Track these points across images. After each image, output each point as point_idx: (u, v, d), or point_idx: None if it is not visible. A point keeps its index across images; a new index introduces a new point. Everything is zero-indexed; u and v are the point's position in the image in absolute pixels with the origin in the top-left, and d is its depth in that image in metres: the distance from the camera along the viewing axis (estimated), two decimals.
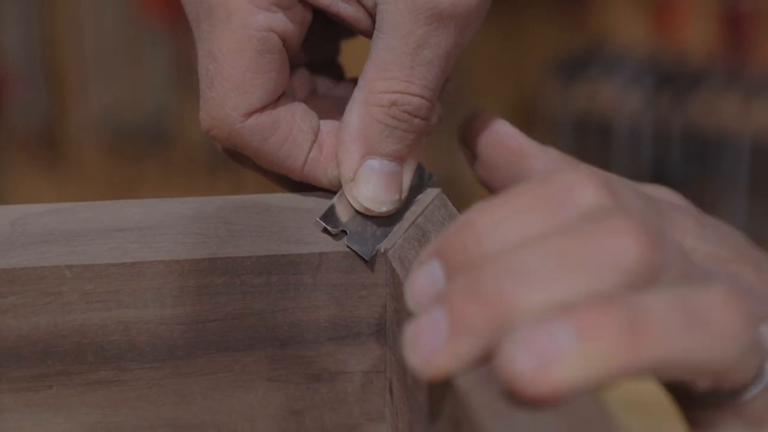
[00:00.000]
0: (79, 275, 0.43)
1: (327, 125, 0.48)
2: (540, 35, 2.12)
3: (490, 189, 0.48)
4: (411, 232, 0.46)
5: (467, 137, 0.49)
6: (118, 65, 2.15)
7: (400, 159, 0.46)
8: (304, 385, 0.46)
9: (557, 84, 1.98)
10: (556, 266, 0.33)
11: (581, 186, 0.35)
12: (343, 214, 0.46)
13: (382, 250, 0.46)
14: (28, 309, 0.43)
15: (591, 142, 1.93)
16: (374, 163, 0.46)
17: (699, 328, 0.33)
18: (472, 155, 0.49)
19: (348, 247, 0.45)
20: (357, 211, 0.46)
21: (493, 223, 0.35)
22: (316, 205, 0.47)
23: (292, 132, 0.46)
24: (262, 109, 0.46)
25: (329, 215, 0.46)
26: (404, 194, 0.47)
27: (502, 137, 0.48)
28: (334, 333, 0.46)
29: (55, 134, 2.19)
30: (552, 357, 0.31)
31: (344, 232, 0.46)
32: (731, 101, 1.89)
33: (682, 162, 1.88)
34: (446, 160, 1.88)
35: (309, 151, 0.47)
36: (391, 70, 0.45)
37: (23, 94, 2.16)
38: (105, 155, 2.19)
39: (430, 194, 0.48)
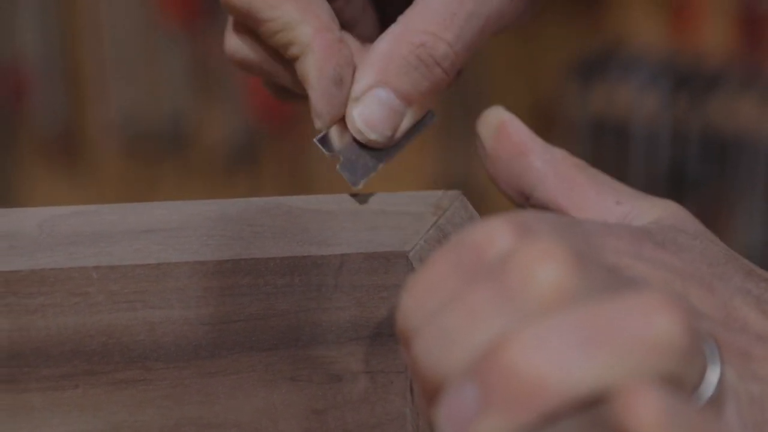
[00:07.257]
0: (106, 276, 0.44)
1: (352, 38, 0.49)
2: (557, 37, 2.12)
3: (496, 183, 0.48)
4: (432, 233, 0.47)
5: (481, 130, 0.49)
6: (136, 68, 2.16)
7: (407, 100, 0.47)
8: (326, 385, 0.46)
9: (574, 86, 1.97)
10: (468, 320, 0.32)
11: (490, 238, 0.34)
12: (338, 139, 0.48)
13: (392, 242, 0.46)
14: (56, 309, 0.44)
15: (608, 144, 1.93)
16: (382, 93, 0.47)
17: (602, 346, 0.31)
18: (483, 149, 0.49)
19: (339, 172, 0.47)
20: (352, 139, 0.48)
21: (416, 300, 0.34)
22: (338, 207, 0.47)
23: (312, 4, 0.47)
24: None
25: (325, 137, 0.48)
26: (398, 135, 0.48)
27: (508, 132, 0.47)
28: (356, 333, 0.46)
29: (74, 137, 2.20)
30: (464, 426, 0.31)
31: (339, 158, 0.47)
32: (749, 103, 1.89)
33: (699, 164, 1.88)
34: (465, 163, 1.88)
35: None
36: (433, 11, 0.46)
37: (42, 97, 2.16)
38: (123, 158, 2.19)
39: (451, 196, 0.49)
